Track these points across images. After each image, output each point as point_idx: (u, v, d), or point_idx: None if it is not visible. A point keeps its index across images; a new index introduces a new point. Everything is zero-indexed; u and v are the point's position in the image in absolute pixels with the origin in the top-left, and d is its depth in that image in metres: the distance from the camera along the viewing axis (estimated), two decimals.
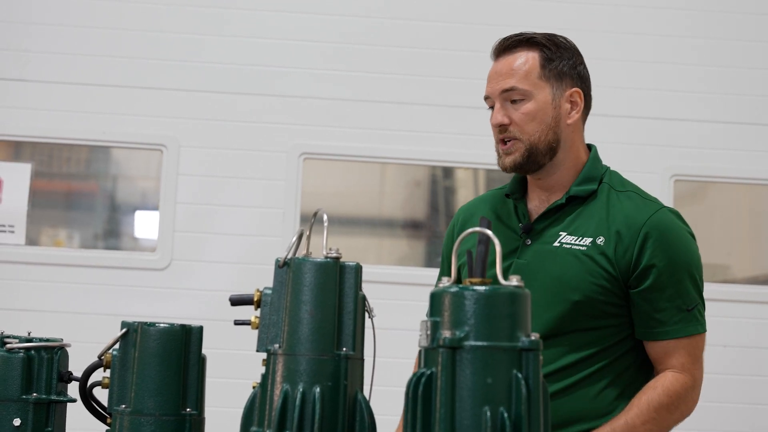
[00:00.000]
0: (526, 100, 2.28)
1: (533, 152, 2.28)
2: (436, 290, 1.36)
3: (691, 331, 2.26)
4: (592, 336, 2.24)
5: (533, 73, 2.30)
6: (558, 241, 2.28)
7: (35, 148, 4.86)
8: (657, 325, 2.24)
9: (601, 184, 2.33)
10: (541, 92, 2.29)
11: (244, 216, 4.72)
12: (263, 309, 1.56)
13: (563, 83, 2.32)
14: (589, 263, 2.23)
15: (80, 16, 4.77)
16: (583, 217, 2.29)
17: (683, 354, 2.25)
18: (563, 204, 2.31)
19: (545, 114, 2.29)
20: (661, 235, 2.23)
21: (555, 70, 2.31)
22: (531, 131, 2.28)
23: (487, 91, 2.33)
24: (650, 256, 2.22)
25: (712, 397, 4.69)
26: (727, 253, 5.04)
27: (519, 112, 2.28)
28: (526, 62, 2.30)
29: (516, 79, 2.29)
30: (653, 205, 2.29)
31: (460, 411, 1.28)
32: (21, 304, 4.60)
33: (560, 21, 4.77)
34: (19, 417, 1.82)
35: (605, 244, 2.24)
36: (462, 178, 5.04)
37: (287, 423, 1.46)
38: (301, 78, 4.78)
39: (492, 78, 2.33)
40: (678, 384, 2.24)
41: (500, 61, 2.32)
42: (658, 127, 4.78)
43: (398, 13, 4.83)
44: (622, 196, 2.31)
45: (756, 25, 4.87)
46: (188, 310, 4.56)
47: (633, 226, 2.24)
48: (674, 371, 2.26)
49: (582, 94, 2.34)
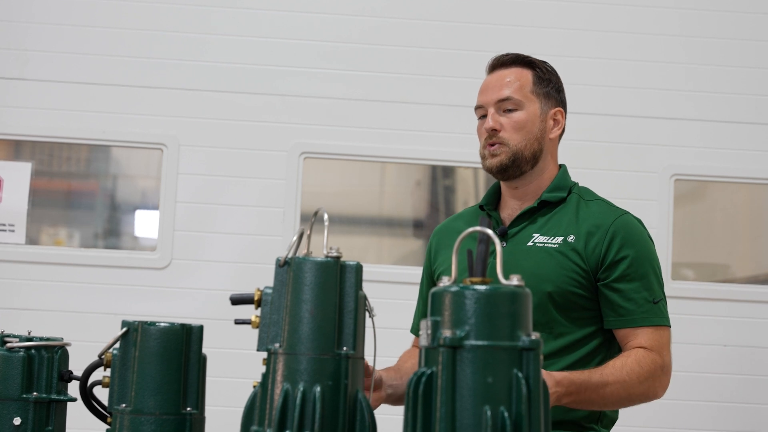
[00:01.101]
0: (518, 110, 2.49)
1: (518, 158, 2.48)
2: (436, 289, 1.36)
3: (656, 322, 2.42)
4: (563, 328, 2.40)
5: (526, 87, 2.50)
6: (531, 241, 2.46)
7: (35, 147, 4.86)
8: (626, 312, 2.41)
9: (571, 194, 2.53)
10: (532, 105, 2.50)
11: (245, 215, 4.72)
12: (264, 308, 1.56)
13: (549, 102, 2.53)
14: (561, 258, 2.41)
15: (80, 15, 4.77)
16: (555, 220, 2.49)
17: (650, 339, 2.41)
18: (536, 208, 2.50)
19: (533, 125, 2.49)
20: (627, 233, 2.43)
21: (544, 89, 2.53)
22: (518, 139, 2.48)
23: (480, 100, 2.53)
24: (617, 251, 2.41)
25: (713, 397, 4.69)
26: (728, 252, 5.04)
27: (511, 120, 2.48)
28: (520, 77, 2.51)
29: (511, 90, 2.49)
30: (619, 210, 2.50)
31: (461, 410, 1.28)
32: (21, 304, 4.60)
33: (568, 21, 4.77)
34: (20, 416, 1.82)
35: (576, 242, 2.44)
36: (462, 178, 5.04)
37: (288, 422, 1.46)
38: (301, 77, 4.78)
39: (486, 89, 2.53)
40: (649, 358, 2.38)
41: (495, 74, 2.54)
42: (659, 127, 4.78)
43: (399, 13, 4.83)
44: (590, 204, 2.51)
45: (757, 24, 4.87)
46: (188, 309, 4.56)
47: (601, 226, 2.43)
48: (645, 349, 2.40)
49: (563, 114, 2.56)
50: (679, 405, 4.61)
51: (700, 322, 4.61)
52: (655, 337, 2.41)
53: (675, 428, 4.64)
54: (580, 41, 4.76)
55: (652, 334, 2.41)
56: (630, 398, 2.37)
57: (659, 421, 4.58)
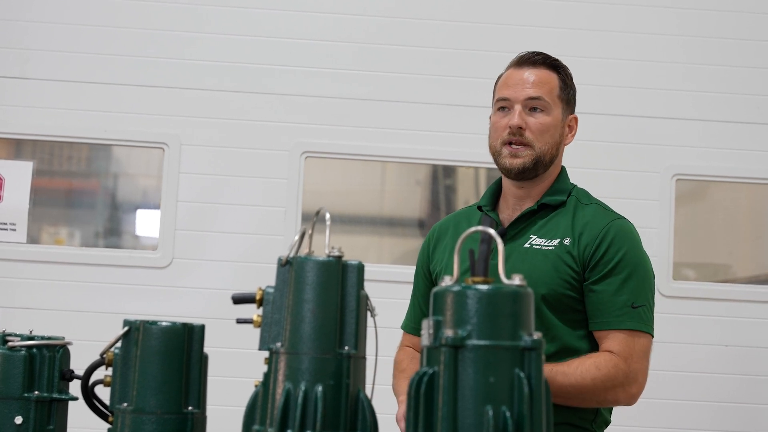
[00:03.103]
0: (546, 113, 2.48)
1: (539, 161, 2.47)
2: (438, 289, 1.36)
3: (630, 326, 2.37)
4: (558, 331, 2.39)
5: (554, 91, 2.50)
6: (528, 242, 2.46)
7: (36, 146, 4.86)
8: (600, 314, 2.39)
9: (570, 197, 2.52)
10: (557, 110, 2.50)
11: (246, 214, 4.72)
12: (265, 307, 1.56)
13: (569, 108, 2.55)
14: (555, 260, 2.42)
15: (81, 13, 4.77)
16: (553, 223, 2.48)
17: (620, 344, 2.37)
18: (535, 210, 2.49)
19: (556, 130, 2.50)
20: (616, 235, 2.43)
21: (567, 95, 2.53)
22: (543, 142, 2.46)
23: (507, 94, 2.49)
24: (604, 253, 2.41)
25: (713, 397, 4.69)
26: (729, 252, 5.03)
27: (537, 121, 2.47)
28: (549, 79, 2.50)
29: (544, 90, 2.48)
30: (614, 214, 2.50)
31: (463, 410, 1.28)
32: (22, 303, 4.60)
33: (569, 21, 4.77)
34: (21, 415, 1.82)
35: (570, 244, 2.43)
36: (463, 177, 5.04)
37: (289, 421, 1.46)
38: (302, 76, 4.78)
39: (517, 83, 2.49)
40: (610, 363, 2.35)
41: (524, 71, 2.51)
42: (660, 126, 4.78)
43: (400, 13, 4.82)
44: (586, 208, 2.50)
45: (758, 24, 4.87)
46: (190, 308, 4.56)
47: (594, 229, 2.44)
48: (611, 353, 2.37)
49: (577, 121, 2.57)
50: (679, 405, 4.61)
51: (700, 322, 4.61)
52: (627, 342, 2.36)
53: (675, 428, 4.63)
54: (580, 41, 4.76)
55: (625, 339, 2.37)
56: (583, 400, 2.35)
57: (659, 421, 4.58)
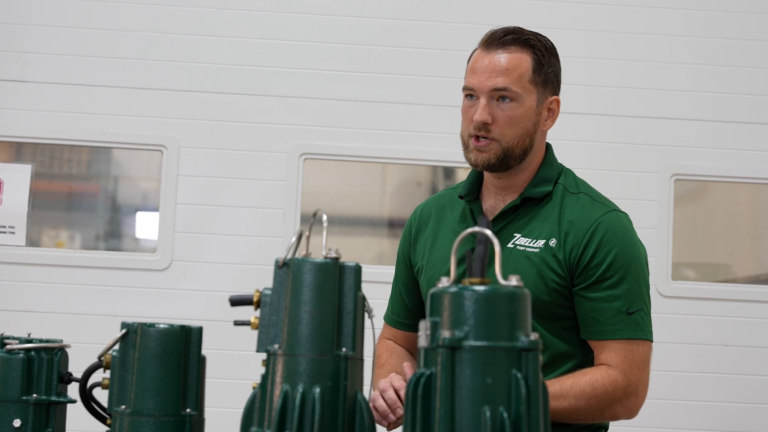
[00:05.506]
0: (514, 103, 2.26)
1: (507, 155, 2.27)
2: (435, 290, 1.36)
3: (627, 335, 2.21)
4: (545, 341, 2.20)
5: (525, 77, 2.27)
6: (512, 242, 2.28)
7: (36, 149, 4.86)
8: (594, 324, 2.23)
9: (556, 186, 2.32)
10: (529, 97, 2.27)
11: (245, 216, 4.72)
12: (263, 309, 1.56)
13: (547, 90, 2.31)
14: (541, 265, 2.23)
15: (80, 16, 4.77)
16: (538, 219, 2.29)
17: (618, 355, 2.21)
18: (518, 205, 2.31)
19: (528, 120, 2.28)
20: (605, 235, 2.23)
21: (543, 75, 2.30)
22: (511, 135, 2.26)
23: (472, 82, 2.31)
24: (592, 256, 2.22)
25: (713, 397, 4.69)
26: (728, 252, 5.03)
27: (504, 113, 2.26)
28: (520, 64, 2.27)
29: (510, 79, 2.26)
30: (603, 207, 2.29)
31: (460, 411, 1.28)
32: (21, 305, 4.60)
33: (561, 21, 4.76)
34: (19, 418, 1.82)
35: (557, 246, 2.23)
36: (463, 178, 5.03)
37: (287, 423, 1.46)
38: (301, 78, 4.78)
39: (481, 71, 2.29)
40: (607, 380, 2.19)
41: (492, 55, 2.29)
42: (659, 126, 4.78)
43: (400, 14, 4.82)
44: (574, 199, 2.30)
45: (758, 24, 4.87)
46: (188, 310, 4.56)
47: (581, 227, 2.24)
48: (608, 367, 2.21)
49: (559, 103, 2.34)
50: (679, 405, 4.61)
51: (700, 322, 4.61)
52: (624, 353, 2.20)
53: (675, 428, 4.63)
54: (580, 41, 4.76)
55: (621, 350, 2.20)
56: (577, 419, 2.21)
57: (659, 421, 4.58)
